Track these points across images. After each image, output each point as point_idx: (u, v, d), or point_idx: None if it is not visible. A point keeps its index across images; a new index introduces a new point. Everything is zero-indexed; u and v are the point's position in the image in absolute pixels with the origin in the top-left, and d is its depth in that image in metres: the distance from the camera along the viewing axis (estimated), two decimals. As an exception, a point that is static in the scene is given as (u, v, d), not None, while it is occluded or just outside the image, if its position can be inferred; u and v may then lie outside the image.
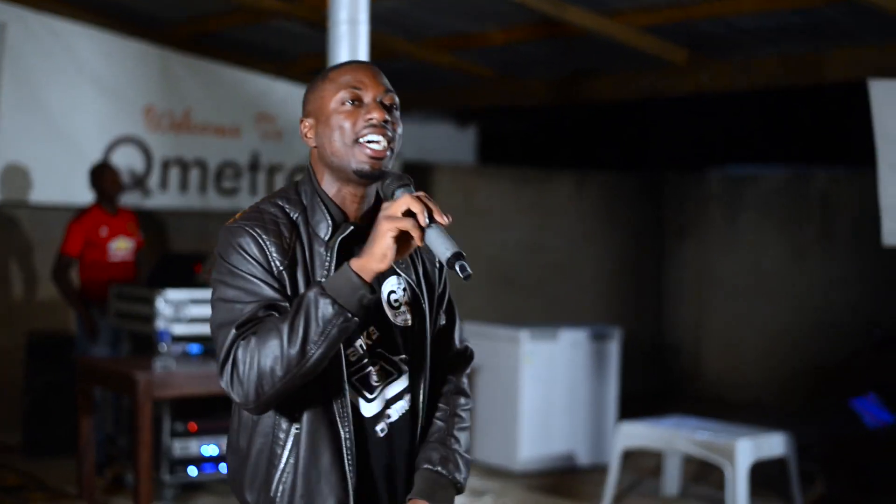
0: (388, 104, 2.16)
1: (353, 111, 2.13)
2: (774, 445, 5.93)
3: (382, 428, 2.16)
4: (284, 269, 2.08)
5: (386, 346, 2.17)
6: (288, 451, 2.10)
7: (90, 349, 6.53)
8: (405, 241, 1.98)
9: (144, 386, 4.99)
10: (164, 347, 5.64)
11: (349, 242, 2.13)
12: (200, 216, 8.18)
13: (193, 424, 5.90)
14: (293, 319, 1.96)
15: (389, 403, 2.18)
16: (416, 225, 1.96)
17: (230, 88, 8.15)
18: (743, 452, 5.67)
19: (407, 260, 2.23)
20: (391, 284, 2.21)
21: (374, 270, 1.97)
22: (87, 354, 6.44)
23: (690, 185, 10.60)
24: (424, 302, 2.24)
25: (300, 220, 2.14)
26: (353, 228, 2.14)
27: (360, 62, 2.25)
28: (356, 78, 2.15)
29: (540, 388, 7.06)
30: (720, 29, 6.25)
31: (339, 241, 2.12)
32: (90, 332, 6.54)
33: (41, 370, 6.99)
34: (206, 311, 5.58)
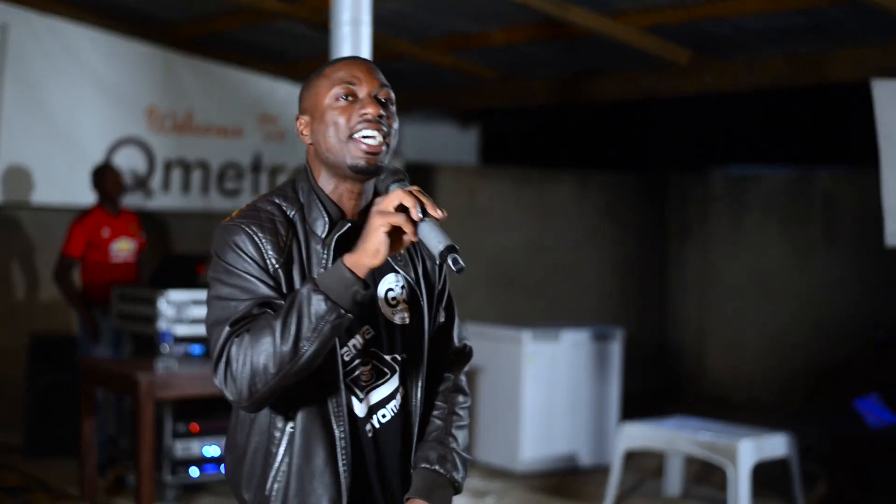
0: (383, 99, 2.14)
1: (347, 107, 2.11)
2: (776, 446, 5.92)
3: (372, 427, 2.14)
4: (280, 267, 2.07)
5: (380, 344, 2.16)
6: (283, 449, 2.09)
7: (92, 350, 6.53)
8: (398, 236, 1.96)
9: (146, 387, 4.99)
10: (165, 348, 5.64)
11: (346, 240, 2.10)
12: (203, 217, 8.18)
13: (195, 425, 5.90)
14: (286, 316, 1.95)
15: (383, 403, 2.16)
16: (408, 220, 1.94)
17: (232, 89, 8.15)
18: (745, 453, 5.66)
19: (406, 257, 2.21)
20: (389, 282, 2.19)
21: (367, 266, 1.95)
22: (89, 355, 6.44)
23: (693, 185, 10.59)
24: (423, 300, 2.22)
25: (297, 217, 2.13)
26: (350, 225, 2.12)
27: (354, 58, 2.22)
28: (351, 73, 2.14)
29: (542, 388, 7.06)
30: (723, 29, 6.24)
31: (336, 238, 2.11)
32: (92, 333, 6.54)
33: (43, 371, 6.99)
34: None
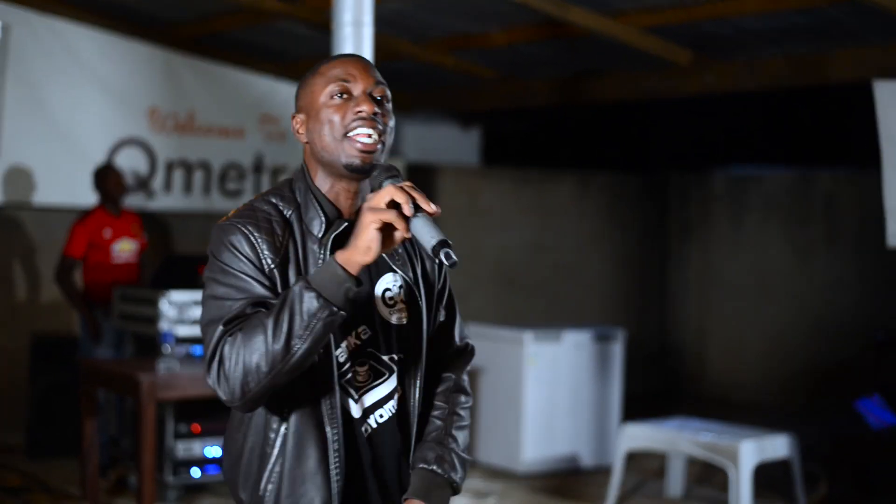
0: (378, 97, 2.13)
1: (342, 104, 2.10)
2: (778, 447, 5.92)
3: (368, 428, 2.13)
4: (276, 266, 2.05)
5: (377, 345, 2.14)
6: (277, 450, 2.08)
7: (94, 351, 6.53)
8: (390, 232, 1.94)
9: (148, 387, 4.99)
10: (167, 349, 5.65)
11: (343, 239, 2.07)
12: (204, 218, 8.18)
13: (197, 426, 5.91)
14: (278, 314, 1.93)
15: (380, 403, 2.15)
16: (399, 216, 1.92)
17: (234, 90, 8.15)
18: (746, 454, 5.66)
19: (404, 257, 2.20)
20: (387, 282, 2.17)
21: (359, 263, 1.93)
22: (90, 356, 6.44)
23: (694, 185, 10.59)
24: (421, 300, 2.20)
25: (294, 217, 2.12)
26: (346, 224, 2.11)
27: (350, 55, 2.21)
28: (346, 71, 2.13)
29: (543, 389, 7.05)
30: (724, 29, 6.24)
31: (332, 237, 2.09)
32: (94, 333, 6.54)
33: (44, 371, 6.99)
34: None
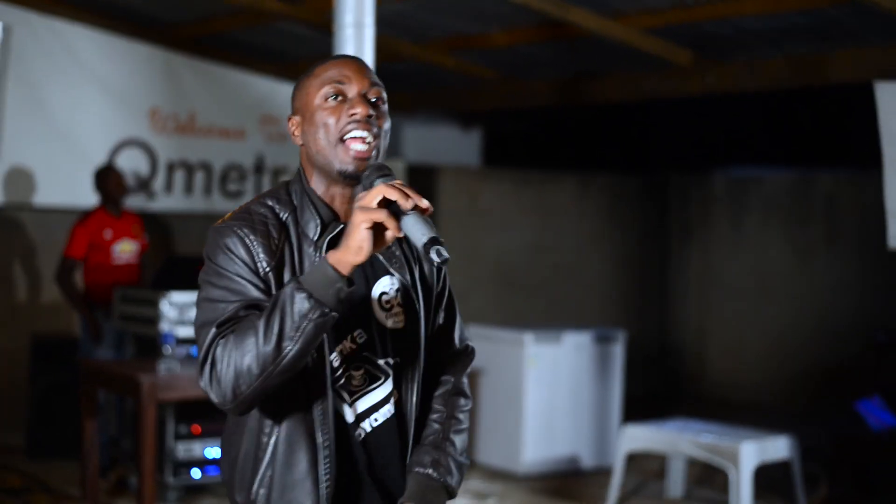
0: (373, 98, 2.12)
1: (336, 107, 2.10)
2: (778, 448, 5.92)
3: (362, 433, 2.12)
4: (271, 270, 2.05)
5: (372, 348, 2.13)
6: (268, 455, 2.07)
7: (94, 351, 6.53)
8: (382, 232, 1.92)
9: (148, 388, 4.99)
10: (168, 350, 5.64)
11: (339, 242, 2.05)
12: (205, 219, 8.18)
13: (197, 427, 5.91)
14: (269, 315, 1.92)
15: (376, 407, 2.13)
16: (390, 215, 1.90)
17: (235, 91, 8.15)
18: (747, 455, 5.66)
19: (401, 260, 2.18)
20: (383, 285, 2.16)
21: (350, 263, 1.91)
22: (90, 357, 6.45)
23: (694, 186, 10.59)
24: (419, 303, 2.19)
25: (290, 220, 2.11)
26: (342, 227, 2.09)
27: (345, 57, 2.20)
28: (340, 73, 2.12)
29: (544, 390, 7.05)
30: (724, 30, 6.24)
31: (327, 240, 2.08)
32: (94, 334, 6.54)
33: (45, 372, 6.99)
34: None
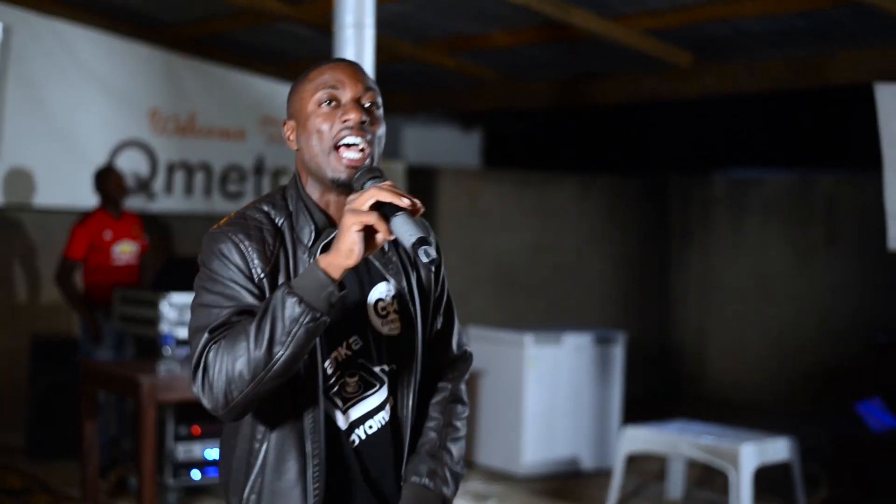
0: (367, 103, 2.10)
1: (330, 113, 2.08)
2: (778, 450, 5.92)
3: (356, 439, 2.11)
4: (266, 276, 2.04)
5: (368, 355, 2.12)
6: (259, 461, 2.07)
7: (94, 352, 6.53)
8: (373, 235, 1.91)
9: (148, 389, 4.99)
10: (168, 351, 5.64)
11: None
12: (205, 220, 8.17)
13: (197, 428, 5.90)
14: (260, 320, 1.91)
15: (370, 414, 2.12)
16: (380, 218, 1.89)
17: (235, 92, 8.15)
18: (747, 457, 5.66)
19: (398, 265, 2.17)
20: (379, 292, 2.15)
21: (341, 266, 1.90)
22: (90, 357, 6.45)
23: (695, 188, 10.59)
24: (416, 310, 2.17)
25: (285, 225, 2.10)
26: (336, 234, 2.06)
27: (340, 61, 2.17)
28: (334, 77, 2.10)
29: (544, 392, 7.05)
30: (724, 32, 6.24)
31: (321, 246, 2.07)
32: (94, 335, 6.54)
33: (45, 372, 6.99)
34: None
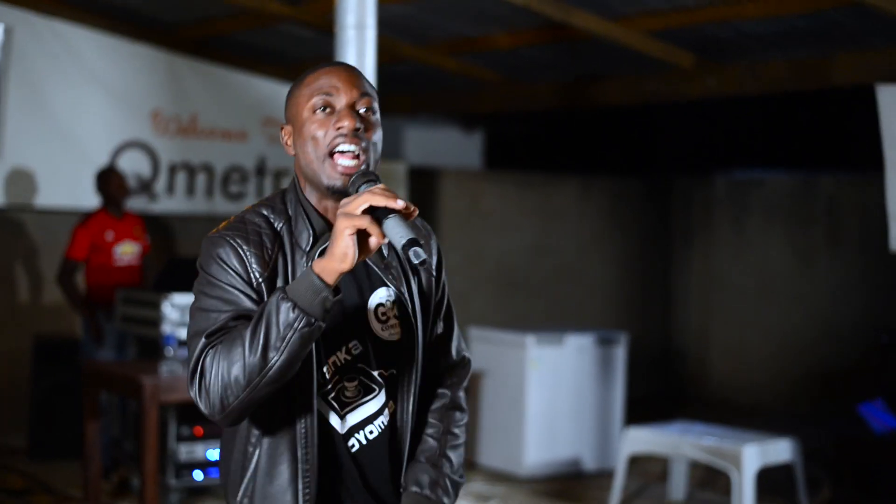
0: (363, 109, 2.09)
1: (325, 120, 2.07)
2: (781, 451, 5.91)
3: (355, 444, 2.11)
4: (264, 280, 2.03)
5: (367, 360, 2.11)
6: (253, 465, 2.08)
7: (96, 353, 6.53)
8: (366, 238, 1.90)
9: (150, 390, 4.99)
10: (170, 352, 5.64)
11: None
12: (207, 221, 8.18)
13: (199, 429, 5.90)
14: (255, 326, 1.91)
15: (370, 419, 2.12)
16: (372, 221, 1.88)
17: (237, 92, 8.15)
18: (749, 458, 5.65)
19: (398, 271, 2.16)
20: (380, 297, 2.14)
21: (336, 271, 1.89)
22: (92, 358, 6.45)
23: (697, 189, 10.59)
24: (416, 315, 2.17)
25: (284, 230, 2.10)
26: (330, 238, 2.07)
27: (336, 65, 2.15)
28: (329, 83, 2.08)
29: (546, 393, 7.05)
30: (726, 33, 6.24)
31: (319, 251, 2.06)
32: (96, 336, 6.54)
33: (47, 373, 7.00)
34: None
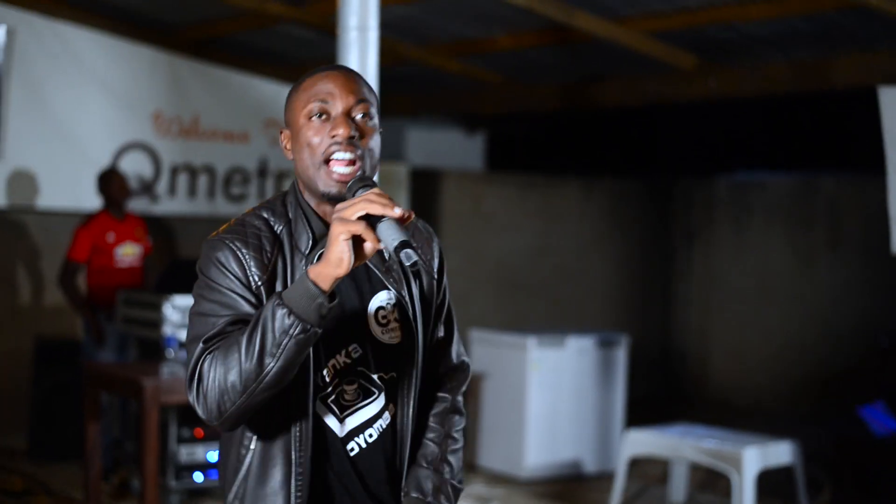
0: (360, 115, 2.07)
1: (320, 127, 2.06)
2: (781, 453, 5.91)
3: (354, 447, 2.11)
4: (263, 284, 2.03)
5: (367, 363, 2.11)
6: (245, 467, 2.08)
7: (97, 354, 6.53)
8: (361, 244, 1.90)
9: (151, 391, 4.99)
10: (171, 353, 5.64)
11: None
12: (209, 222, 8.17)
13: (200, 430, 5.90)
14: (251, 332, 1.90)
15: (370, 422, 2.12)
16: (367, 227, 1.88)
17: (238, 94, 8.15)
18: (750, 460, 5.65)
19: (399, 274, 2.16)
20: (380, 300, 2.14)
21: (331, 276, 1.88)
22: (93, 359, 6.45)
23: (698, 190, 10.59)
24: (416, 318, 2.17)
25: (284, 233, 2.09)
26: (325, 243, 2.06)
27: (333, 69, 2.12)
28: (326, 88, 2.07)
29: (547, 394, 7.05)
30: (728, 34, 6.24)
31: (318, 255, 2.05)
32: (97, 337, 6.54)
33: (48, 374, 7.00)
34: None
